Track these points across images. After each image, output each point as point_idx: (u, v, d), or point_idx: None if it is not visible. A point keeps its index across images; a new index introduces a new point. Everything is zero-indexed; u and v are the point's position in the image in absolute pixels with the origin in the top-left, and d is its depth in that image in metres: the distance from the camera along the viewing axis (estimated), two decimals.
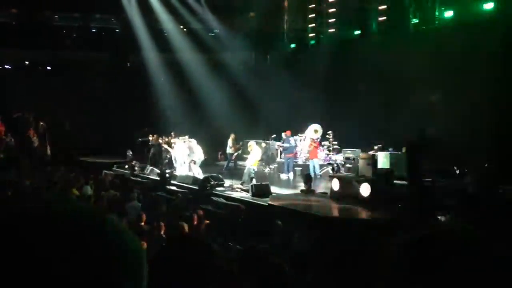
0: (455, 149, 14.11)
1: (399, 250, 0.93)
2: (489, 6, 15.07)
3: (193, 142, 17.13)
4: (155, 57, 24.36)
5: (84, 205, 0.76)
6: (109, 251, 0.70)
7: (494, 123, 14.32)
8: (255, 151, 15.12)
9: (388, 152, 14.73)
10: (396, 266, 0.92)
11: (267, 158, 18.75)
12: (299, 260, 4.39)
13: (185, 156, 16.97)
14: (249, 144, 15.64)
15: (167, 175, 15.94)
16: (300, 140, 17.86)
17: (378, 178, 11.91)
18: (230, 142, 18.84)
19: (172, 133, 19.07)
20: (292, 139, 17.14)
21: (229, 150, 18.83)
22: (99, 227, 0.72)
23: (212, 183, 13.80)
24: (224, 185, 14.13)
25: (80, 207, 0.75)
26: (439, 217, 8.96)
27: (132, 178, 17.37)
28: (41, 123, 23.36)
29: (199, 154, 16.94)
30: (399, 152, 14.82)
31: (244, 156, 17.32)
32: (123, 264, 0.71)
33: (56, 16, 25.92)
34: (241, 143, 18.82)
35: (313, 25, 21.64)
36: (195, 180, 15.02)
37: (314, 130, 16.88)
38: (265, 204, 11.77)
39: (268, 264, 3.41)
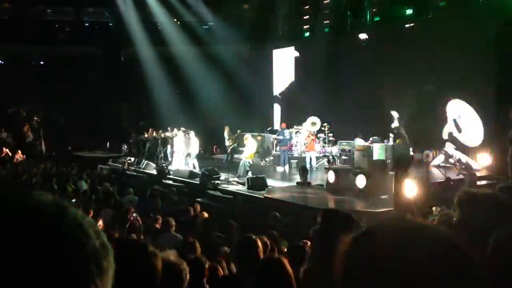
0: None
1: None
2: None
3: (192, 134, 17.06)
4: (149, 50, 24.24)
5: (44, 197, 0.68)
6: (66, 247, 0.64)
7: (492, 113, 14.37)
8: (251, 144, 15.10)
9: (384, 144, 14.74)
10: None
11: (263, 151, 18.74)
12: (296, 253, 4.40)
13: (184, 149, 16.91)
14: (245, 137, 15.62)
15: (166, 169, 15.93)
16: (296, 133, 17.85)
17: (374, 169, 11.92)
18: (226, 135, 18.80)
19: (169, 128, 18.98)
20: (287, 132, 17.12)
21: (227, 142, 18.77)
22: (56, 220, 0.66)
23: (214, 181, 13.64)
24: (220, 178, 14.12)
25: (37, 200, 0.67)
26: (433, 208, 8.98)
27: (127, 172, 17.35)
28: (35, 118, 23.28)
29: (195, 147, 16.90)
30: (394, 144, 14.88)
31: (240, 149, 17.30)
32: (83, 262, 0.65)
33: (49, 10, 25.76)
34: (238, 131, 18.66)
35: (307, 16, 21.57)
36: (191, 174, 15.00)
37: (311, 123, 16.84)
38: (261, 196, 11.77)
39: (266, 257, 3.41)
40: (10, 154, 20.08)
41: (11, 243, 0.61)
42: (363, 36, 18.63)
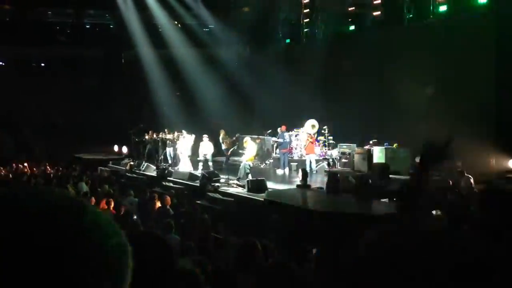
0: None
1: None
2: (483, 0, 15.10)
3: (205, 137, 16.89)
4: (150, 53, 24.26)
5: (61, 194, 0.69)
6: (84, 245, 0.64)
7: (491, 119, 14.36)
8: (250, 146, 15.09)
9: (384, 147, 14.75)
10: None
11: (263, 153, 18.73)
12: (301, 254, 4.40)
13: (189, 152, 16.79)
14: (244, 139, 15.58)
15: (166, 171, 15.93)
16: (296, 136, 17.86)
17: (374, 172, 11.93)
18: (220, 138, 18.67)
19: (166, 130, 18.96)
20: (286, 134, 17.11)
21: (223, 146, 18.66)
22: (76, 218, 0.66)
23: (214, 183, 13.63)
24: (220, 180, 14.11)
25: (55, 195, 0.68)
26: (432, 212, 8.97)
27: (127, 174, 17.35)
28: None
29: (209, 149, 16.75)
30: (394, 147, 14.92)
31: (240, 151, 17.29)
32: (101, 261, 0.64)
33: (50, 12, 25.79)
34: (237, 135, 18.57)
35: (308, 20, 21.59)
36: (191, 176, 15.01)
37: (311, 125, 16.86)
38: (261, 199, 11.77)
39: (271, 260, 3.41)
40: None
41: (29, 242, 0.61)
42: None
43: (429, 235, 0.86)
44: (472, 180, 11.32)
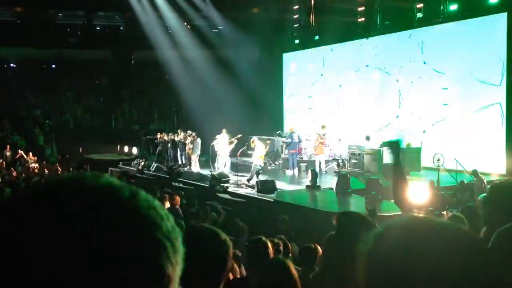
0: None
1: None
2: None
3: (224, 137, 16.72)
4: (160, 54, 24.35)
5: (116, 180, 0.71)
6: (145, 225, 0.66)
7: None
8: (258, 146, 15.02)
9: None
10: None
11: (272, 154, 18.70)
12: (307, 255, 4.41)
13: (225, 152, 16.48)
14: (252, 139, 15.45)
15: (174, 171, 15.98)
16: (307, 139, 17.83)
17: (384, 173, 11.89)
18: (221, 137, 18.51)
19: (179, 130, 19.00)
20: (295, 135, 17.07)
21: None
22: (133, 200, 0.68)
23: (224, 184, 13.63)
24: (229, 181, 14.12)
25: (112, 182, 0.70)
26: (443, 212, 8.96)
27: (138, 175, 17.43)
28: (47, 121, 23.51)
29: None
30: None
31: (249, 152, 17.25)
32: (158, 244, 0.66)
33: (60, 14, 26.02)
34: (238, 135, 18.35)
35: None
36: (201, 177, 15.04)
37: (321, 126, 16.84)
38: (270, 200, 11.77)
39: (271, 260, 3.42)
40: (25, 156, 20.24)
41: (94, 222, 0.63)
42: None
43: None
44: (485, 182, 11.23)
